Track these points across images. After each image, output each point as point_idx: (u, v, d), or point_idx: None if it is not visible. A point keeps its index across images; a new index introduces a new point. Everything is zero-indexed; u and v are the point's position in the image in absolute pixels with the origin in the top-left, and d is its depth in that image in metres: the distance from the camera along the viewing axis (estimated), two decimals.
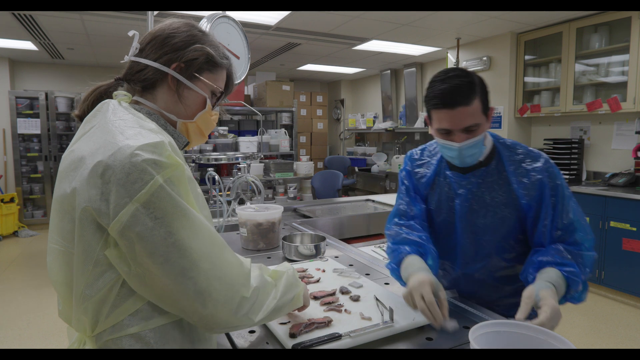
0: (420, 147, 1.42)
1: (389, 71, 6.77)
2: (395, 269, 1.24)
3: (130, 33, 0.89)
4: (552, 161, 1.22)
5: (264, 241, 1.74)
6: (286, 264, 1.00)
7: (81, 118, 0.85)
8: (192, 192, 0.75)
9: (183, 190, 0.72)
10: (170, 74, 0.85)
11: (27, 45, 5.07)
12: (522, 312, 0.97)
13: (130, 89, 0.88)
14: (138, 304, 0.74)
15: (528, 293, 1.02)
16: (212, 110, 0.93)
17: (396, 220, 1.34)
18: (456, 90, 1.09)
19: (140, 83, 0.86)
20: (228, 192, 2.22)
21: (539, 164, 1.19)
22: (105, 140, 0.71)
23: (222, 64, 0.91)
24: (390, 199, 2.96)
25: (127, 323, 0.73)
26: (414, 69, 6.20)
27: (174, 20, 0.89)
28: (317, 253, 1.61)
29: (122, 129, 0.73)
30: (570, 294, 1.10)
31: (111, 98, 0.85)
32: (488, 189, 1.23)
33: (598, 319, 3.16)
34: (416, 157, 1.39)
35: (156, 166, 0.68)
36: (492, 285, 1.31)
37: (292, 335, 0.96)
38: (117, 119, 0.76)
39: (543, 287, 1.02)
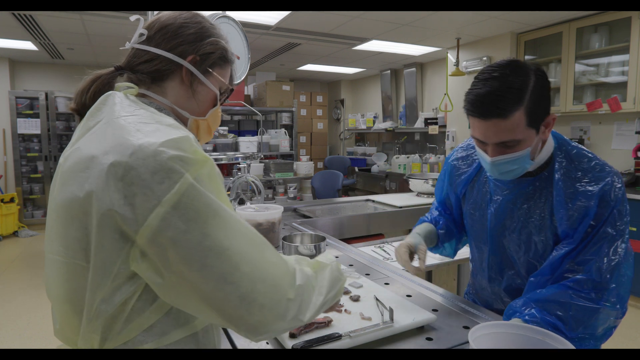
0: (467, 140, 1.29)
1: (389, 71, 6.77)
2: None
3: (133, 18, 0.82)
4: (618, 187, 0.97)
5: None
6: (328, 254, 0.92)
7: (79, 112, 0.77)
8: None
9: (214, 186, 0.66)
10: (185, 66, 0.79)
11: (27, 45, 5.06)
12: None
13: (134, 80, 0.79)
14: (153, 318, 0.67)
15: None
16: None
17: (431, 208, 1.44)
18: (494, 98, 0.91)
19: (149, 74, 0.78)
20: (228, 192, 2.22)
21: (595, 188, 0.96)
22: (120, 138, 0.64)
23: (231, 60, 0.87)
24: (391, 199, 2.96)
25: (140, 339, 0.67)
26: (414, 69, 6.20)
27: (179, 10, 0.82)
28: (317, 253, 1.60)
29: (137, 124, 0.66)
30: None
31: (113, 89, 0.77)
32: (527, 203, 1.06)
33: None
34: (461, 152, 1.28)
35: (184, 163, 0.62)
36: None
37: (292, 336, 0.96)
38: (129, 114, 0.69)
39: None
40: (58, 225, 0.68)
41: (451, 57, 5.02)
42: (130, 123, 0.66)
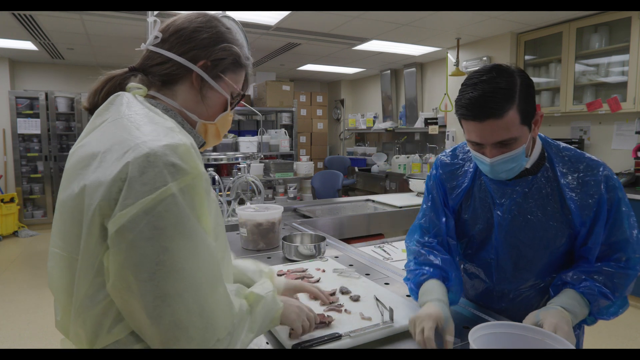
0: (449, 150, 1.27)
1: (389, 71, 6.76)
2: (414, 290, 1.14)
3: (150, 19, 0.83)
4: (610, 170, 1.07)
5: (264, 241, 1.74)
6: (266, 283, 0.88)
7: (91, 111, 0.78)
8: (207, 203, 0.68)
9: (198, 202, 0.65)
10: (196, 71, 0.80)
11: (27, 45, 5.06)
12: None
13: (146, 82, 0.81)
14: None
15: (528, 317, 0.98)
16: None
17: (417, 237, 1.23)
18: (487, 99, 0.93)
19: (161, 77, 0.80)
20: (228, 192, 2.22)
21: (597, 177, 1.04)
22: (120, 137, 0.66)
23: (245, 65, 0.87)
24: (390, 199, 2.96)
25: (132, 339, 0.66)
26: (414, 69, 6.20)
27: (197, 12, 0.83)
28: (317, 253, 1.61)
29: (138, 124, 0.68)
30: (593, 310, 1.02)
31: (124, 90, 0.79)
32: (536, 200, 1.08)
33: None
34: (448, 161, 1.24)
35: (175, 171, 0.62)
36: (529, 302, 1.18)
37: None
38: (133, 113, 0.70)
39: (545, 310, 0.98)
40: (59, 221, 0.70)
41: (451, 57, 5.02)
42: (132, 122, 0.68)
